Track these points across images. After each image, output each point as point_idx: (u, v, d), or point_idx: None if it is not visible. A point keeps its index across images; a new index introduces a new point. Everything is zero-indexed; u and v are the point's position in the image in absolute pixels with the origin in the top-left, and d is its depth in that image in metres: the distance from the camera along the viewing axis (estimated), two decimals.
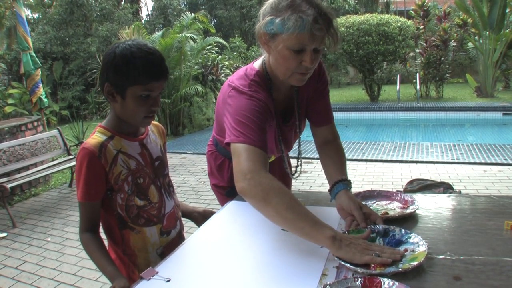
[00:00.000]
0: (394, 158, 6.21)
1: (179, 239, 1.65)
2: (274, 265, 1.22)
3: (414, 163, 5.93)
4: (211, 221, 1.61)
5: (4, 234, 4.45)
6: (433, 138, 8.86)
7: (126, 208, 1.47)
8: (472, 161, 5.82)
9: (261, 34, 1.41)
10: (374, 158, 6.33)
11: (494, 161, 5.73)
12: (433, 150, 6.57)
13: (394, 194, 1.60)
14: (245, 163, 1.32)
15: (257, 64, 1.60)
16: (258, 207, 1.30)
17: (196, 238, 1.47)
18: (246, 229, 1.49)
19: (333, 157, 1.74)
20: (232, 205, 1.75)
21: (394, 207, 1.51)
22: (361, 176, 5.50)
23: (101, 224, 1.50)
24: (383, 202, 1.57)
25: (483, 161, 5.77)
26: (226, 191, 1.94)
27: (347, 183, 1.57)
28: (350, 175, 5.27)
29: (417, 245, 1.18)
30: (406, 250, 1.18)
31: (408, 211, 1.44)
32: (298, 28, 1.30)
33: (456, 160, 5.90)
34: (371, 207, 1.52)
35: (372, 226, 1.32)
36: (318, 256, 1.23)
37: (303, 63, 1.38)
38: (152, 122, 1.59)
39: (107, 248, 1.49)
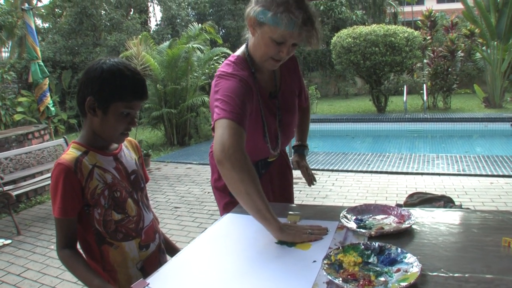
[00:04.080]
0: (399, 170, 6.17)
1: (159, 252, 1.65)
2: (265, 279, 1.21)
3: (419, 175, 5.89)
4: (206, 233, 1.60)
5: (8, 241, 4.47)
6: (440, 150, 8.80)
7: (103, 223, 1.46)
8: (478, 173, 5.77)
9: (251, 18, 1.58)
10: (379, 169, 6.29)
11: (501, 173, 5.68)
12: (439, 162, 6.52)
13: (391, 209, 1.58)
14: (227, 137, 1.44)
15: (238, 51, 1.79)
16: (229, 179, 1.42)
17: (189, 250, 1.46)
18: (239, 242, 1.48)
19: (302, 124, 2.25)
20: (228, 217, 1.74)
21: (390, 222, 1.50)
22: (366, 188, 5.47)
23: (78, 241, 1.50)
24: (379, 217, 1.56)
25: (489, 173, 5.71)
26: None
27: (303, 148, 2.26)
28: (355, 186, 5.26)
29: (411, 265, 1.16)
30: (399, 269, 1.16)
31: (403, 226, 1.43)
32: (287, 26, 1.49)
33: (462, 172, 5.85)
34: (366, 222, 1.51)
35: (368, 242, 1.30)
36: (308, 271, 1.22)
37: (280, 53, 1.60)
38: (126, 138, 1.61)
39: None
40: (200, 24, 10.56)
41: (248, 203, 1.41)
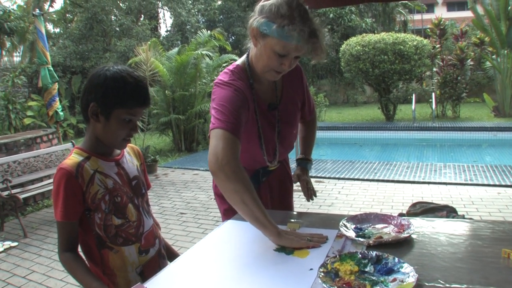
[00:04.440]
0: (406, 179, 6.14)
1: (159, 257, 1.66)
2: (261, 285, 1.21)
3: (426, 184, 5.85)
4: (206, 239, 1.60)
5: (15, 244, 4.51)
6: (448, 159, 8.74)
7: (104, 227, 1.48)
8: (486, 182, 5.73)
9: (253, 29, 1.55)
10: (386, 178, 6.27)
11: (509, 183, 5.62)
12: (446, 171, 6.48)
13: (391, 218, 1.58)
14: (221, 148, 1.46)
15: (239, 61, 1.78)
16: (224, 189, 1.46)
17: (188, 255, 1.47)
18: (238, 249, 1.49)
19: (307, 136, 2.22)
20: (228, 224, 1.75)
21: (389, 231, 1.50)
22: (372, 197, 5.45)
23: (79, 245, 1.52)
24: (379, 226, 1.55)
25: (497, 183, 5.67)
26: None
27: (307, 162, 2.16)
28: (361, 195, 5.24)
29: (407, 275, 1.16)
30: (395, 279, 1.16)
31: (402, 235, 1.43)
32: (292, 39, 1.47)
33: (469, 182, 5.81)
34: (365, 231, 1.51)
35: (365, 251, 1.30)
36: (304, 279, 1.22)
37: (282, 66, 1.58)
38: (128, 144, 1.63)
39: None
40: (209, 31, 10.62)
41: (245, 211, 1.44)
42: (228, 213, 1.86)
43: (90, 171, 1.46)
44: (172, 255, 1.77)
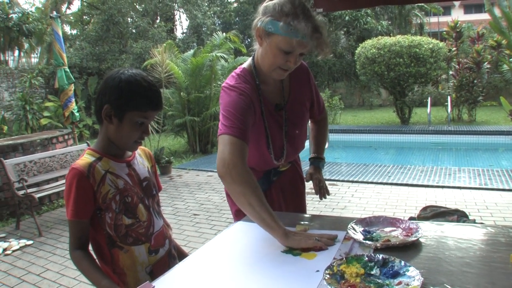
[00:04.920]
0: (419, 183, 6.10)
1: (169, 257, 1.68)
2: (266, 286, 1.22)
3: (440, 188, 5.80)
4: (215, 239, 1.62)
5: (30, 242, 4.58)
6: (464, 163, 8.65)
7: (114, 227, 1.51)
8: (501, 187, 5.66)
9: (259, 29, 1.61)
10: (399, 182, 6.23)
11: None
12: (460, 175, 6.42)
13: (400, 222, 1.58)
14: (227, 153, 1.53)
15: (245, 64, 1.83)
16: (232, 192, 1.52)
17: (197, 255, 1.49)
18: (246, 250, 1.50)
19: (318, 135, 2.23)
20: (238, 225, 1.77)
21: (397, 235, 1.50)
22: (385, 200, 5.42)
23: (91, 244, 1.55)
24: (387, 229, 1.55)
25: None
26: None
27: (319, 161, 2.15)
28: (374, 198, 5.21)
29: (413, 279, 1.16)
30: (400, 282, 1.16)
31: (410, 239, 1.42)
32: (296, 35, 1.53)
33: (484, 186, 5.74)
34: (373, 234, 1.51)
35: (372, 254, 1.30)
36: (310, 280, 1.23)
37: (288, 63, 1.63)
38: (140, 146, 1.67)
39: None
40: (224, 33, 10.65)
41: (252, 213, 1.49)
42: (240, 214, 1.87)
43: (101, 171, 1.50)
44: (182, 257, 1.80)
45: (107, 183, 1.50)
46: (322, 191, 2.16)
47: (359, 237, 1.48)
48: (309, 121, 2.21)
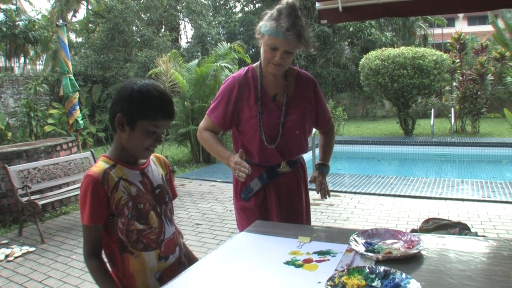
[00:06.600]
0: (422, 194, 6.08)
1: (179, 265, 1.70)
2: None
3: (443, 200, 5.78)
4: (220, 249, 1.64)
5: (32, 249, 4.59)
6: (467, 175, 8.62)
7: (126, 233, 1.55)
8: (504, 199, 5.63)
9: (257, 31, 2.03)
10: (402, 193, 6.21)
11: None
12: (463, 187, 6.40)
13: (402, 234, 1.59)
14: (201, 125, 2.24)
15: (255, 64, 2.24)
16: (201, 142, 2.26)
17: (201, 264, 1.52)
18: (249, 260, 1.52)
19: (325, 145, 2.47)
20: (241, 236, 1.78)
21: (399, 247, 1.50)
22: (387, 212, 5.41)
23: (103, 249, 1.59)
24: (389, 241, 1.56)
25: None
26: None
27: (324, 167, 2.37)
28: (377, 209, 5.20)
29: None
30: None
31: (411, 251, 1.43)
32: (273, 33, 1.93)
33: (487, 198, 5.72)
34: (375, 246, 1.52)
35: (373, 266, 1.31)
36: None
37: (275, 58, 1.99)
38: (155, 154, 1.72)
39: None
40: (229, 43, 10.71)
41: (211, 150, 2.20)
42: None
43: (115, 178, 1.54)
44: (192, 262, 1.82)
45: (120, 189, 1.54)
46: (323, 192, 2.34)
47: (361, 249, 1.49)
48: (318, 132, 2.52)
